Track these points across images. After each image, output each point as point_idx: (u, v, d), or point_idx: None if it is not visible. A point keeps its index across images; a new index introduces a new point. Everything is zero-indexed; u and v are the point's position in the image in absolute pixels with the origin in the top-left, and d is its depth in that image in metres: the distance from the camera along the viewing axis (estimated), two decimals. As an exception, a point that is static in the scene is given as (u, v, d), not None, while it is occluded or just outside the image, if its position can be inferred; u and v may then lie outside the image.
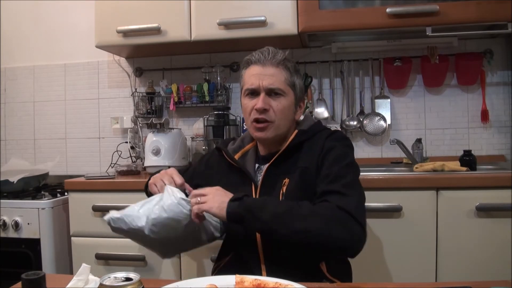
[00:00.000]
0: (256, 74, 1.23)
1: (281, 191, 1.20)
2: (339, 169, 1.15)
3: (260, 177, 1.26)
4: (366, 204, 1.15)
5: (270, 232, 1.07)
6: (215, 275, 1.24)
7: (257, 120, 1.24)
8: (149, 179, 1.34)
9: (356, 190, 1.14)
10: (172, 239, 1.20)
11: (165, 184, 1.22)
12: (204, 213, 1.13)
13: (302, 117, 1.37)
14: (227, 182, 1.29)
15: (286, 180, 1.21)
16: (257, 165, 1.31)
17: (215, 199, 1.11)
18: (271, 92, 1.23)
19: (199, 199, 1.12)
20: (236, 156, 1.33)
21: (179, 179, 1.23)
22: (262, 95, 1.23)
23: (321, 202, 1.10)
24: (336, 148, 1.21)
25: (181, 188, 1.22)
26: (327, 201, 1.09)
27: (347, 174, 1.15)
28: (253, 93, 1.24)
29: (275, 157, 1.24)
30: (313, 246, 1.05)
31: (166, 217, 1.14)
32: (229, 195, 1.12)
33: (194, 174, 1.44)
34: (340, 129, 2.24)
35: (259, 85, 1.22)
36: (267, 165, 1.25)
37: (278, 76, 1.23)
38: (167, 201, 1.15)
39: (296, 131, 1.27)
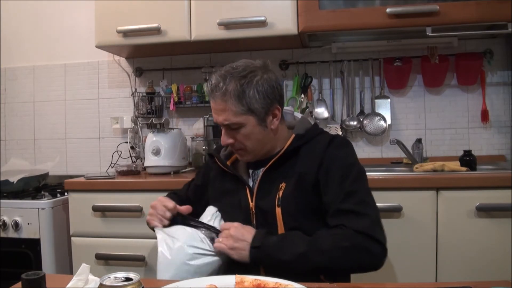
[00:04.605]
0: (213, 109, 1.22)
1: (277, 196, 1.19)
2: (349, 184, 1.15)
3: (256, 182, 1.25)
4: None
5: (295, 270, 1.08)
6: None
7: None
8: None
9: (370, 204, 1.15)
10: None
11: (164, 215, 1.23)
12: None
13: (299, 117, 1.36)
14: (222, 189, 1.30)
15: (283, 184, 1.20)
16: (251, 170, 1.30)
17: (236, 245, 1.13)
18: (229, 126, 1.21)
19: (220, 239, 1.16)
20: (228, 162, 1.33)
21: (170, 203, 1.24)
22: (224, 131, 1.22)
23: (338, 228, 1.11)
24: (340, 158, 1.20)
25: (173, 211, 1.23)
26: (343, 225, 1.11)
27: (358, 189, 1.16)
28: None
29: (271, 162, 1.22)
30: (339, 275, 1.10)
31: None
32: (249, 236, 1.14)
33: (197, 190, 1.44)
34: (338, 133, 2.25)
35: (217, 121, 1.22)
36: (263, 169, 1.25)
37: (228, 111, 1.17)
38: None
39: (293, 135, 1.25)
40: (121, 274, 0.79)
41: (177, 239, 1.15)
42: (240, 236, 1.14)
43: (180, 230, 1.19)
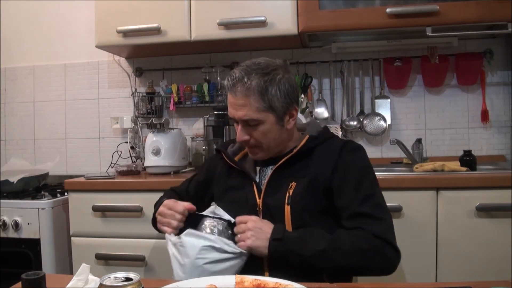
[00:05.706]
0: (231, 104, 1.21)
1: (287, 194, 1.19)
2: (366, 188, 1.17)
3: (264, 179, 1.25)
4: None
5: (313, 267, 1.10)
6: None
7: None
8: (155, 213, 1.32)
9: (385, 209, 1.18)
10: None
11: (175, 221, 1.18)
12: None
13: (304, 121, 1.36)
14: (228, 185, 1.30)
15: (293, 184, 1.20)
16: (258, 168, 1.30)
17: (257, 238, 1.11)
18: (247, 123, 1.20)
19: (239, 236, 1.13)
20: (236, 158, 1.33)
21: (179, 207, 1.19)
22: (240, 126, 1.22)
23: (357, 230, 1.12)
24: (355, 163, 1.21)
25: (184, 214, 1.19)
26: (361, 228, 1.12)
27: (374, 193, 1.18)
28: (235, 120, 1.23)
29: (283, 160, 1.23)
30: (354, 275, 1.13)
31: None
32: (269, 230, 1.12)
33: (199, 185, 1.43)
34: (338, 133, 2.25)
35: (234, 116, 1.21)
36: (273, 167, 1.25)
37: (249, 106, 1.17)
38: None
39: (307, 136, 1.26)
40: (121, 274, 0.79)
41: (185, 255, 1.11)
42: (259, 229, 1.13)
43: (188, 243, 1.12)
